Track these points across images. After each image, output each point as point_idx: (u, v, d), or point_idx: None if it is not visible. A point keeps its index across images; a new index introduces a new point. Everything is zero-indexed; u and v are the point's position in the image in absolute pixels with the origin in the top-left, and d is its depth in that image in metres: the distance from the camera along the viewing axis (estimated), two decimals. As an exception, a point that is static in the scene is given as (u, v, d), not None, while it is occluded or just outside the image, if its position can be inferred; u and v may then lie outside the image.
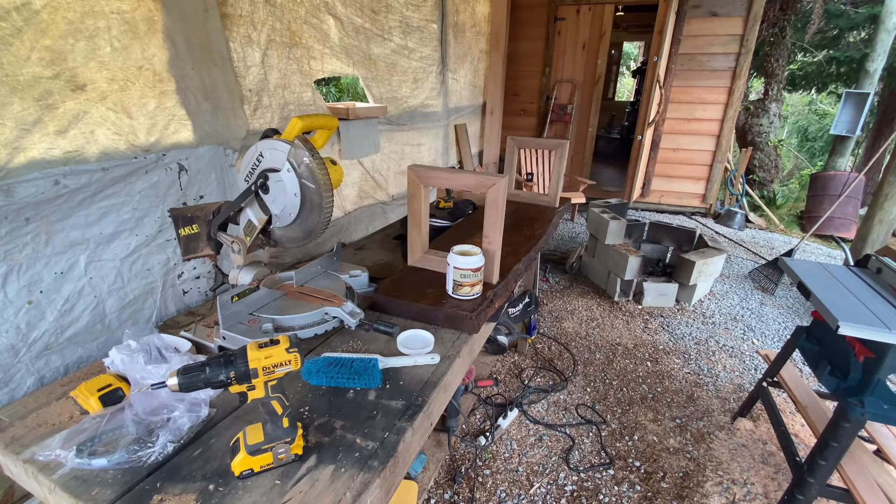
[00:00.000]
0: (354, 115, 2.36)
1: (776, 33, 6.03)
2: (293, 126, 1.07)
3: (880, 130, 6.56)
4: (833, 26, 7.25)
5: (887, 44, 5.90)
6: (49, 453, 0.78)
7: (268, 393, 0.74)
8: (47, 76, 1.08)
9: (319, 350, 1.10)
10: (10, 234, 1.06)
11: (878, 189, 3.59)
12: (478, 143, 4.79)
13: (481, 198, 1.29)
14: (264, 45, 1.75)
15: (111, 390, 0.91)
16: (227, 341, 1.08)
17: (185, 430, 0.83)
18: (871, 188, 5.47)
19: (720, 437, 2.09)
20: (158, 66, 1.32)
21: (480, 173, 1.25)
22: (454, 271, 1.22)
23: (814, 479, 1.48)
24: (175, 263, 1.45)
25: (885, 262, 1.65)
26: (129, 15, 1.22)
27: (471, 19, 3.92)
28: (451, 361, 1.08)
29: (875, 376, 1.38)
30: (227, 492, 0.73)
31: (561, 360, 2.65)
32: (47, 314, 1.15)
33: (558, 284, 3.66)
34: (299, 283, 1.28)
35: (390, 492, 0.83)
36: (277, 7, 1.79)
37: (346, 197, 2.53)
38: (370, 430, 0.86)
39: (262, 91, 1.77)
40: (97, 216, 1.23)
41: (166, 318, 1.45)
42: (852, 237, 4.31)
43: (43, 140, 1.09)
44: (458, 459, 1.93)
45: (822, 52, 7.61)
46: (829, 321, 1.36)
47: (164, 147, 1.37)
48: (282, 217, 1.17)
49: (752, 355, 2.78)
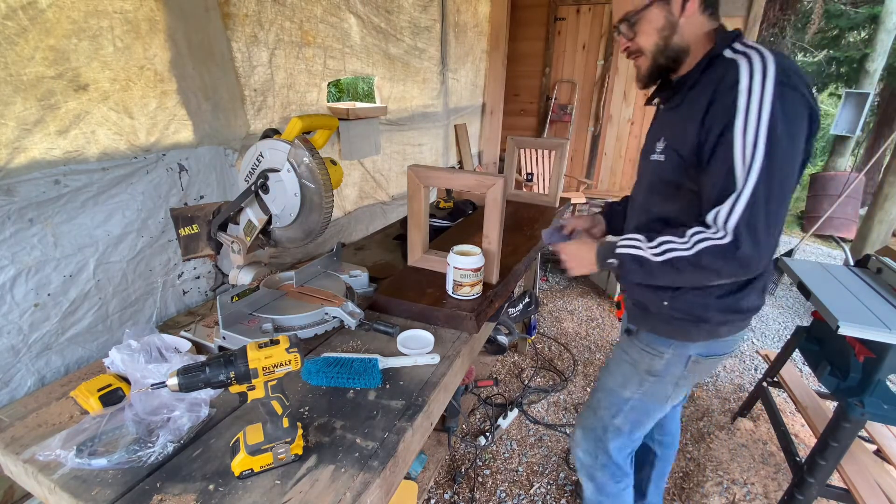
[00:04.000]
0: (354, 115, 2.36)
1: (776, 33, 6.03)
2: (293, 126, 1.08)
3: (880, 130, 6.56)
4: (833, 26, 7.25)
5: (887, 44, 5.90)
6: (49, 453, 0.78)
7: (268, 393, 0.74)
8: (50, 76, 1.08)
9: (319, 350, 1.10)
10: (14, 237, 1.06)
11: (878, 189, 3.59)
12: (478, 143, 4.79)
13: (481, 198, 1.29)
14: (272, 45, 1.75)
15: (111, 390, 0.91)
16: (227, 341, 1.08)
17: (185, 430, 0.83)
18: (871, 188, 5.47)
19: (720, 437, 2.09)
20: (160, 65, 1.32)
21: (480, 173, 1.25)
22: (454, 271, 1.22)
23: (814, 479, 1.48)
24: (175, 263, 1.45)
25: (885, 262, 1.65)
26: (132, 15, 1.22)
27: (473, 19, 3.92)
28: (451, 361, 1.08)
29: (875, 376, 1.38)
30: (227, 492, 0.73)
31: (561, 360, 2.65)
32: (51, 315, 1.15)
33: (558, 284, 3.66)
34: (299, 283, 1.28)
35: (390, 492, 0.83)
36: (288, 7, 1.79)
37: (346, 197, 2.53)
38: (370, 430, 0.86)
39: (267, 91, 1.77)
40: (102, 217, 1.23)
41: (166, 318, 1.45)
42: (852, 237, 4.31)
43: (44, 140, 1.09)
44: (458, 459, 1.93)
45: (822, 52, 7.62)
46: (829, 321, 1.36)
47: (165, 147, 1.37)
48: (282, 217, 1.17)
49: (752, 355, 2.78)
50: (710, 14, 0.95)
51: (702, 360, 1.08)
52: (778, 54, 0.84)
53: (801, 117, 0.82)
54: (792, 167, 0.83)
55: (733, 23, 4.57)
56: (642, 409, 1.19)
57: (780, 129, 0.79)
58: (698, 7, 0.93)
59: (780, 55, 0.84)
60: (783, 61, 0.83)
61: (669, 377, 1.12)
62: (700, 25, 0.94)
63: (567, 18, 5.04)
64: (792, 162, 0.83)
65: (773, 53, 0.84)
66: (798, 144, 0.83)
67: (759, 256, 0.84)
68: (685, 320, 1.04)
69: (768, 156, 0.80)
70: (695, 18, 0.94)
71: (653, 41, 0.96)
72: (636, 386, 1.16)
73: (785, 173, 0.82)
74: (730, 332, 1.05)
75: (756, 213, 0.81)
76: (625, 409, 1.20)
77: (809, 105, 0.83)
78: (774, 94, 0.80)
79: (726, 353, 1.10)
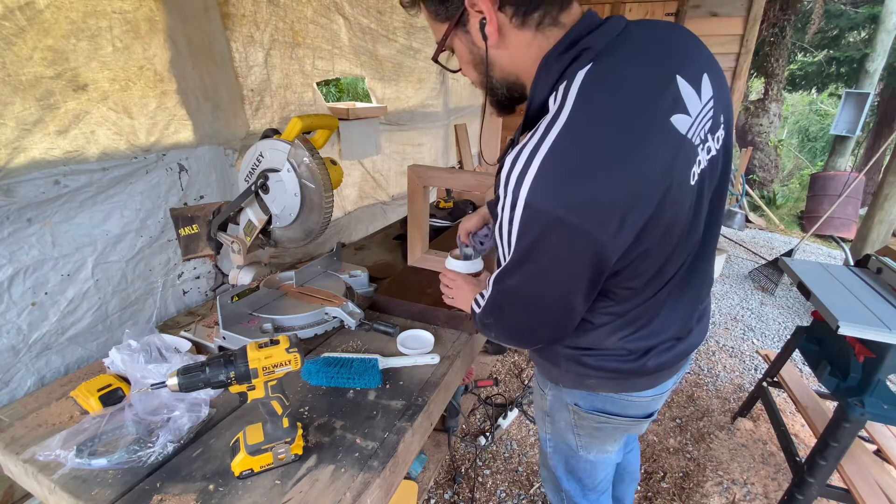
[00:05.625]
0: (354, 115, 2.36)
1: (776, 33, 6.03)
2: (293, 126, 1.07)
3: (880, 130, 6.57)
4: (833, 26, 7.25)
5: (887, 44, 5.90)
6: (49, 453, 0.78)
7: (268, 393, 0.74)
8: (49, 76, 1.08)
9: (319, 350, 1.10)
10: (13, 236, 1.06)
11: (878, 189, 3.59)
12: (478, 143, 4.79)
13: (481, 198, 1.29)
14: (267, 45, 1.75)
15: (111, 390, 0.91)
16: (227, 341, 1.08)
17: (185, 430, 0.83)
18: (871, 188, 5.47)
19: (720, 437, 2.09)
20: (159, 65, 1.32)
21: (480, 173, 1.25)
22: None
23: (814, 479, 1.48)
24: (175, 263, 1.45)
25: (885, 262, 1.65)
26: (131, 15, 1.22)
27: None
28: (451, 361, 1.08)
29: (875, 376, 1.38)
30: (227, 492, 0.73)
31: (561, 361, 2.65)
32: (50, 315, 1.15)
33: (558, 284, 3.66)
34: (299, 283, 1.28)
35: (390, 492, 0.83)
36: (281, 7, 1.79)
37: (346, 197, 2.53)
38: (370, 430, 0.86)
39: (264, 91, 1.77)
40: (101, 217, 1.23)
41: (166, 318, 1.45)
42: (852, 237, 4.31)
43: (43, 140, 1.09)
44: (458, 459, 1.93)
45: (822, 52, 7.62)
46: (829, 321, 1.36)
47: (165, 147, 1.37)
48: (282, 217, 1.17)
49: (752, 355, 2.78)
50: (533, 25, 0.66)
51: (584, 413, 0.92)
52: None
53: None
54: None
55: (733, 23, 4.58)
56: (564, 452, 1.05)
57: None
58: (504, 28, 0.67)
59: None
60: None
61: (563, 422, 0.99)
62: (523, 47, 0.68)
63: (567, 18, 5.04)
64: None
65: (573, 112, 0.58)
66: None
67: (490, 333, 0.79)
68: (546, 359, 0.92)
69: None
70: (510, 41, 0.68)
71: (474, 77, 0.77)
72: (547, 426, 1.05)
73: None
74: (601, 387, 0.88)
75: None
76: (552, 452, 1.08)
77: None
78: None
79: (620, 415, 0.91)
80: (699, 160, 0.66)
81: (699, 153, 0.66)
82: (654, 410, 0.95)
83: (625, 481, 1.33)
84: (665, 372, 0.87)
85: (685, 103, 0.63)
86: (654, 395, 0.91)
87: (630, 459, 1.33)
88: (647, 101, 0.59)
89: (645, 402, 0.91)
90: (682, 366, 0.92)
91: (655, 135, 0.59)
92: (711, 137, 0.69)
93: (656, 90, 0.60)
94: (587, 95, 0.59)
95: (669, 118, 0.60)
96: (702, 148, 0.66)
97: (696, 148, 0.65)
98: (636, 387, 0.88)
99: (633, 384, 0.87)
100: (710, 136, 0.68)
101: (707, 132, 0.67)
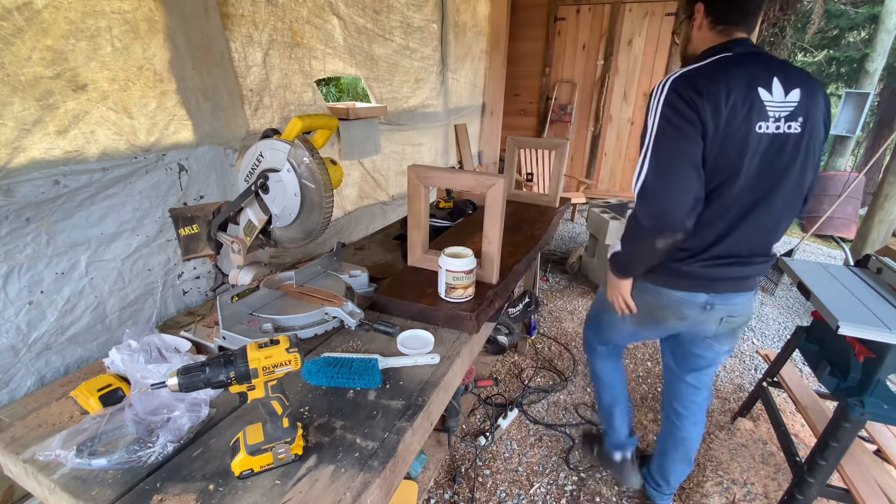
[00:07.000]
0: (354, 115, 2.37)
1: (776, 33, 6.03)
2: (293, 126, 1.07)
3: (880, 130, 6.57)
4: (833, 26, 7.26)
5: (887, 44, 5.91)
6: (49, 453, 0.78)
7: (268, 393, 0.74)
8: (48, 76, 1.08)
9: (319, 350, 1.10)
10: (10, 235, 1.06)
11: (878, 189, 3.59)
12: (478, 143, 4.79)
13: (481, 198, 1.29)
14: (266, 45, 1.76)
15: (111, 390, 0.91)
16: (227, 341, 1.08)
17: (185, 430, 0.83)
18: (871, 188, 5.47)
19: (720, 437, 2.09)
20: (159, 66, 1.32)
21: (480, 173, 1.25)
22: (447, 274, 1.21)
23: (814, 479, 1.48)
24: (175, 263, 1.45)
25: (885, 262, 1.65)
26: (130, 15, 1.22)
27: (472, 19, 3.92)
28: (451, 361, 1.08)
29: (875, 376, 1.38)
30: (227, 492, 0.73)
31: (561, 360, 2.65)
32: (48, 314, 1.15)
33: (558, 284, 3.66)
34: (299, 283, 1.28)
35: (390, 492, 0.83)
36: (279, 7, 1.79)
37: (346, 197, 2.53)
38: (370, 430, 0.86)
39: (263, 91, 1.78)
40: (98, 216, 1.23)
41: (166, 318, 1.45)
42: (852, 237, 4.31)
43: (43, 140, 1.09)
44: (458, 459, 1.93)
45: (822, 52, 7.62)
46: (829, 321, 1.36)
47: (165, 147, 1.37)
48: (282, 217, 1.17)
49: (752, 355, 2.78)
50: (716, 30, 1.17)
51: (638, 284, 1.34)
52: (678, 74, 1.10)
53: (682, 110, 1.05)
54: (672, 145, 1.06)
55: (733, 23, 4.55)
56: (599, 305, 1.59)
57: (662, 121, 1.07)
58: (703, 26, 1.19)
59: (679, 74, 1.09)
60: (678, 75, 1.09)
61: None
62: (707, 40, 1.19)
63: (567, 18, 5.04)
64: (673, 141, 1.06)
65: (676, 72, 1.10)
66: (680, 127, 1.05)
67: (653, 212, 1.08)
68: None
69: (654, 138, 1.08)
70: (703, 33, 1.19)
71: (680, 49, 1.32)
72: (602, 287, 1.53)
73: (667, 149, 1.06)
74: (655, 281, 1.28)
75: (642, 179, 1.10)
76: (594, 304, 1.64)
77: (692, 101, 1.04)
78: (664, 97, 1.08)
79: (657, 300, 1.30)
80: (767, 125, 1.04)
81: (769, 121, 1.04)
82: (684, 314, 1.27)
83: (678, 452, 1.57)
84: (696, 281, 1.21)
85: (771, 89, 1.04)
86: (682, 297, 1.24)
87: (689, 434, 1.54)
88: (747, 73, 1.04)
89: (661, 293, 1.27)
90: (716, 291, 1.22)
91: (741, 86, 1.03)
92: (784, 122, 1.05)
93: (755, 72, 1.05)
94: (717, 60, 1.08)
95: (757, 88, 1.03)
96: (773, 120, 1.04)
97: (768, 114, 1.04)
98: (671, 284, 1.24)
99: (676, 282, 1.24)
100: (783, 120, 1.05)
101: (783, 116, 1.05)
